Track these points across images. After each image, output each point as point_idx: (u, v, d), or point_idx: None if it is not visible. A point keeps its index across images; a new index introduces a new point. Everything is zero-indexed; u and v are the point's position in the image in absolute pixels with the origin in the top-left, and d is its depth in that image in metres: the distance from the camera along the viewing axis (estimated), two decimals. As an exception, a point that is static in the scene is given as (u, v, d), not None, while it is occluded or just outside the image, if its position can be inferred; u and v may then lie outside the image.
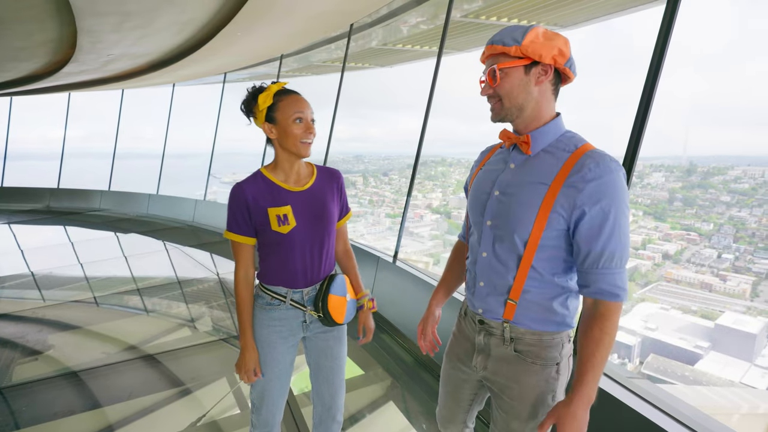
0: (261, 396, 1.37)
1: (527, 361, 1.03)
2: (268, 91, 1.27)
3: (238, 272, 1.32)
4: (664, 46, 1.60)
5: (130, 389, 2.46)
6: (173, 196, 8.50)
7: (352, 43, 4.96)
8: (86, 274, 5.04)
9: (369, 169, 11.70)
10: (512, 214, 1.00)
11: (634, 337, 5.48)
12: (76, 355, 2.89)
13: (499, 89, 0.98)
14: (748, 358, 4.98)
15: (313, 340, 1.41)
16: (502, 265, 1.03)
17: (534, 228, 0.97)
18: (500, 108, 1.00)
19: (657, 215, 6.32)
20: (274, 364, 1.34)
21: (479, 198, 1.08)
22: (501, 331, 1.05)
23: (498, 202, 1.03)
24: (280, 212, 1.27)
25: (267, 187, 1.29)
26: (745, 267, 5.51)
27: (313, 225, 1.30)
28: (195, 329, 3.38)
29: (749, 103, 9.17)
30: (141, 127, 12.24)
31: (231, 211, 1.28)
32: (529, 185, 0.98)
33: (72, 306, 3.91)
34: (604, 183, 0.91)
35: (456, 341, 1.19)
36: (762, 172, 5.58)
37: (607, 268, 0.94)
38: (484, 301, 1.07)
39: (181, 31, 4.73)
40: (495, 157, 1.10)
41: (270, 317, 1.33)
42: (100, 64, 6.23)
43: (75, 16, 3.89)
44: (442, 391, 1.26)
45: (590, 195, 0.92)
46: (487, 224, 1.05)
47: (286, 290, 1.32)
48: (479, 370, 1.11)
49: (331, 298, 1.32)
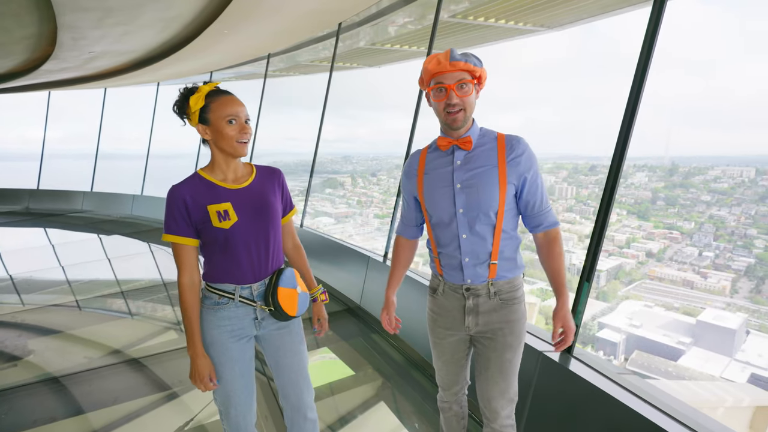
0: (226, 400, 1.33)
1: (509, 304, 1.34)
2: (199, 92, 1.26)
3: (182, 277, 1.28)
4: (651, 48, 1.62)
5: (115, 394, 2.39)
6: (158, 197, 8.35)
7: (340, 43, 4.94)
8: (68, 277, 4.91)
9: (357, 170, 11.68)
10: (482, 196, 1.27)
11: (619, 334, 5.57)
12: (57, 360, 2.80)
13: (465, 101, 1.23)
14: (728, 353, 5.10)
15: (267, 339, 1.38)
16: (481, 239, 1.30)
17: (500, 199, 1.27)
18: (463, 117, 1.25)
19: (640, 214, 6.44)
20: (232, 364, 1.31)
21: (443, 195, 1.31)
22: (486, 290, 1.33)
23: (463, 192, 1.28)
24: (220, 208, 1.26)
25: (205, 187, 1.28)
26: (724, 264, 5.64)
27: (255, 219, 1.30)
28: (181, 332, 3.32)
29: (728, 105, 9.43)
30: (124, 126, 12.01)
31: (169, 213, 1.26)
32: (483, 172, 1.27)
33: (53, 310, 3.80)
34: (528, 154, 1.28)
35: (437, 317, 1.42)
36: (740, 172, 5.73)
37: (546, 209, 1.32)
38: (473, 272, 1.32)
39: (166, 28, 4.65)
40: (432, 161, 1.34)
41: (219, 317, 1.30)
42: (81, 61, 6.08)
43: (55, 12, 3.78)
44: (441, 362, 1.46)
45: (525, 164, 1.27)
46: (460, 212, 1.29)
47: (233, 287, 1.30)
48: (472, 328, 1.36)
49: (281, 290, 1.30)
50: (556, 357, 1.75)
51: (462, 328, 1.37)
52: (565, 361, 1.72)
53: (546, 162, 9.04)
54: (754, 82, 9.67)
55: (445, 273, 1.37)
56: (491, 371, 1.34)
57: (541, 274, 5.30)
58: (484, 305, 1.33)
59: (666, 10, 1.61)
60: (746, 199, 5.57)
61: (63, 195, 9.81)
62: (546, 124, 15.01)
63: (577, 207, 7.30)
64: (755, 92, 9.51)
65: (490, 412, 1.36)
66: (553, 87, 10.80)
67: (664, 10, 1.60)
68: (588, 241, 1.81)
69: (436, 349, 1.45)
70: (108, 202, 9.19)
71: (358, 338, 3.08)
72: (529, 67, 20.16)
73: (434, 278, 1.43)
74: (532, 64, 7.80)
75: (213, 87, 1.29)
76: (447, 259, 1.34)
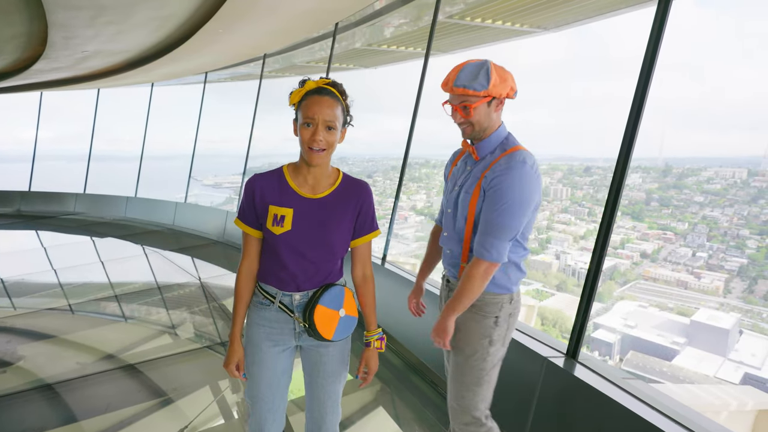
0: (252, 400, 1.33)
1: (471, 311, 1.38)
2: (302, 88, 1.20)
3: (241, 263, 1.29)
4: (656, 49, 1.62)
5: (108, 401, 2.34)
6: (152, 199, 8.27)
7: (336, 44, 4.91)
8: (60, 281, 4.83)
9: (353, 171, 11.65)
10: (460, 203, 1.36)
11: (614, 334, 5.60)
12: (49, 366, 2.74)
13: (471, 119, 1.30)
14: (722, 353, 5.14)
15: (307, 351, 1.34)
16: (457, 239, 1.40)
17: (468, 211, 1.33)
18: (471, 131, 1.33)
19: (635, 215, 6.48)
20: (260, 368, 1.28)
21: (451, 192, 1.42)
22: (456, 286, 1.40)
23: (457, 195, 1.39)
24: (279, 212, 1.22)
25: (279, 185, 1.25)
26: (718, 265, 5.69)
27: (309, 234, 1.22)
28: (176, 336, 3.27)
29: (721, 108, 9.55)
30: (118, 128, 11.89)
31: (243, 200, 1.28)
32: (472, 183, 1.34)
33: (45, 314, 3.73)
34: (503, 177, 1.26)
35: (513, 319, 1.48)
36: (732, 173, 5.78)
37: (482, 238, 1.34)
38: (450, 265, 1.46)
39: (160, 28, 4.59)
40: (461, 161, 1.44)
41: (261, 316, 1.29)
42: (73, 61, 6.00)
43: (45, 9, 3.72)
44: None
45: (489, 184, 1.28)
46: (448, 212, 1.42)
47: (276, 291, 1.27)
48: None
49: (320, 309, 1.22)
50: (560, 362, 1.73)
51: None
52: (569, 366, 1.70)
53: (541, 163, 9.05)
54: (746, 84, 9.79)
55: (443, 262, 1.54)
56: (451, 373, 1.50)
57: (537, 275, 5.29)
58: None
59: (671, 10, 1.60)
60: (739, 199, 5.62)
61: (55, 197, 9.69)
62: (541, 125, 15.11)
63: (572, 208, 7.33)
64: (748, 95, 9.63)
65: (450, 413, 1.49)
66: (549, 88, 10.85)
67: (669, 10, 1.59)
68: (582, 242, 1.81)
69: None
70: (101, 204, 9.09)
71: (357, 342, 3.05)
72: (526, 69, 20.23)
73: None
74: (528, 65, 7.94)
75: (320, 84, 1.18)
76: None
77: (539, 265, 7.21)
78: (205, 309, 3.82)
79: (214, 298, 4.10)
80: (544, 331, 2.07)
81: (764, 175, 5.51)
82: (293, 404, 2.33)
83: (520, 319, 3.00)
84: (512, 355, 1.92)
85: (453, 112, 1.33)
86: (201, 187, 9.04)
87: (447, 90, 1.31)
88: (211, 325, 3.48)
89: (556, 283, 6.93)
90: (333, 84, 1.21)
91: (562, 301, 6.66)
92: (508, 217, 1.25)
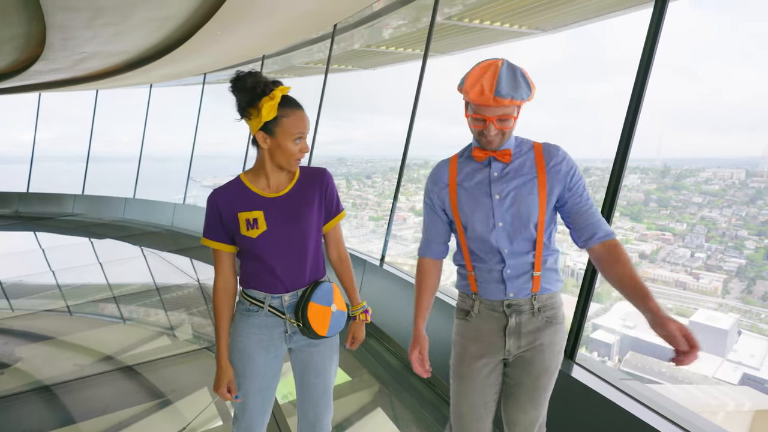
0: (241, 408, 1.31)
1: (554, 323, 1.25)
2: (272, 100, 1.15)
3: (216, 282, 1.28)
4: (652, 50, 1.62)
5: (106, 403, 2.34)
6: (151, 200, 8.26)
7: (335, 45, 4.92)
8: (58, 282, 4.82)
9: (352, 172, 11.64)
10: (522, 209, 1.20)
11: (613, 335, 5.60)
12: (46, 367, 2.74)
13: (505, 131, 1.17)
14: (721, 354, 5.14)
15: (297, 353, 1.33)
16: (522, 253, 1.22)
17: (540, 211, 1.20)
18: (500, 140, 1.19)
19: (633, 216, 6.49)
20: (254, 376, 1.27)
21: (481, 207, 1.23)
22: (530, 306, 1.23)
23: (502, 204, 1.21)
24: (250, 216, 1.23)
25: (242, 193, 1.25)
26: (716, 265, 5.69)
27: (286, 229, 1.24)
28: (174, 337, 3.26)
29: (719, 108, 9.57)
30: (116, 129, 11.88)
31: (206, 217, 1.27)
32: (523, 183, 1.20)
33: (43, 315, 3.72)
34: (568, 161, 1.21)
35: (468, 342, 1.27)
36: (731, 174, 5.78)
37: (598, 218, 1.21)
38: (515, 284, 1.23)
39: (159, 29, 4.59)
40: (466, 172, 1.26)
41: (250, 324, 1.27)
42: (71, 62, 6.00)
43: (43, 11, 3.72)
44: (467, 405, 1.28)
45: (565, 171, 1.20)
46: (499, 225, 1.21)
47: (264, 295, 1.25)
48: (513, 352, 1.25)
49: (313, 306, 1.23)
50: (558, 363, 1.73)
51: (500, 353, 1.25)
52: (567, 368, 1.70)
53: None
54: (745, 85, 9.81)
55: (481, 289, 1.25)
56: (522, 397, 1.25)
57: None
58: (527, 324, 1.23)
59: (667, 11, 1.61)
60: (737, 200, 5.63)
61: (53, 198, 9.67)
62: (540, 126, 15.09)
63: (571, 208, 7.34)
64: (746, 96, 9.66)
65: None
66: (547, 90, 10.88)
67: (665, 11, 1.60)
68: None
69: (464, 383, 1.27)
70: (99, 206, 9.07)
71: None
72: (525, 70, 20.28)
73: (465, 299, 1.29)
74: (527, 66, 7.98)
75: (285, 92, 1.18)
76: (485, 273, 1.24)
77: (538, 266, 7.21)
78: (204, 310, 3.81)
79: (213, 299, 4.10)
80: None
81: (762, 175, 5.52)
82: (291, 405, 2.32)
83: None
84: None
85: (485, 123, 1.15)
86: (200, 188, 9.02)
87: (484, 102, 1.11)
88: (209, 326, 3.47)
89: (555, 284, 6.94)
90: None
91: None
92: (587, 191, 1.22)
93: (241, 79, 1.15)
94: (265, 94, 1.16)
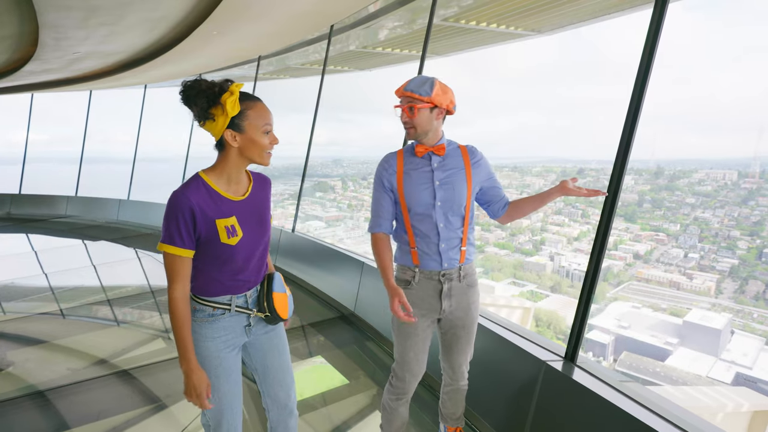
0: (218, 414, 1.29)
1: (473, 286, 1.63)
2: (233, 95, 1.16)
3: (175, 291, 1.19)
4: (652, 52, 1.63)
5: (100, 408, 2.31)
6: (146, 202, 8.19)
7: (331, 46, 4.91)
8: (51, 285, 4.77)
9: (348, 173, 11.64)
10: (456, 193, 1.55)
11: (608, 335, 5.62)
12: (39, 371, 2.70)
13: (414, 121, 1.52)
14: (714, 353, 5.17)
15: (255, 344, 1.38)
16: (454, 228, 1.57)
17: (467, 195, 1.57)
18: (414, 133, 1.54)
19: (627, 217, 6.53)
20: (227, 376, 1.28)
21: (424, 190, 1.55)
22: (458, 274, 1.59)
23: (441, 189, 1.55)
24: (228, 223, 1.22)
25: (210, 197, 1.22)
26: (709, 265, 5.73)
27: (256, 233, 1.29)
28: (169, 340, 3.23)
29: (711, 110, 9.67)
30: (110, 130, 11.79)
31: (173, 221, 1.17)
32: (455, 173, 1.57)
33: (35, 319, 3.68)
34: (485, 159, 1.63)
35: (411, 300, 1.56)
36: (723, 175, 5.84)
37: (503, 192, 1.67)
38: (448, 256, 1.57)
39: (153, 29, 4.56)
40: (411, 163, 1.58)
41: (215, 329, 1.27)
42: (65, 62, 5.94)
43: (36, 10, 3.68)
44: (413, 352, 1.61)
45: (485, 166, 1.62)
46: (438, 204, 1.54)
47: (229, 297, 1.28)
48: (447, 312, 1.60)
49: (275, 296, 1.33)
50: (559, 366, 1.73)
51: (436, 313, 1.59)
52: (568, 370, 1.70)
53: (535, 166, 9.12)
54: (736, 88, 9.94)
55: (422, 262, 1.57)
56: (461, 344, 1.64)
57: (531, 276, 5.32)
58: (455, 289, 1.59)
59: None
60: (729, 201, 5.68)
61: (46, 200, 9.57)
62: (535, 127, 15.14)
63: (566, 210, 7.38)
64: (737, 98, 9.77)
65: (458, 375, 1.69)
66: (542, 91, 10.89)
67: (665, 12, 1.61)
68: (576, 244, 1.83)
69: (409, 339, 1.59)
70: (93, 207, 8.99)
71: (352, 345, 3.03)
72: (520, 72, 20.44)
73: (407, 270, 1.60)
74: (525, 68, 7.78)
75: (241, 87, 1.20)
76: (425, 247, 1.56)
77: (533, 267, 7.24)
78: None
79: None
80: (539, 333, 2.08)
81: (754, 176, 5.57)
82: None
83: (517, 322, 3.00)
84: (511, 359, 1.92)
85: (401, 112, 1.54)
86: (195, 190, 8.95)
87: (398, 94, 1.55)
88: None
89: (551, 285, 6.96)
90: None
91: (556, 303, 6.69)
92: None
93: (193, 85, 1.16)
94: (224, 90, 1.17)
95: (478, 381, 1.98)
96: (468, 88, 12.45)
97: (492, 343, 2.03)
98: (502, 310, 5.93)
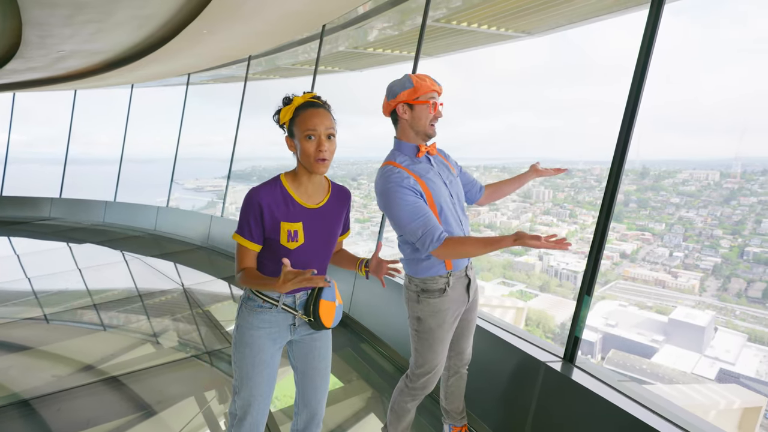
0: (247, 404, 1.33)
1: (476, 282, 1.71)
2: (291, 104, 1.26)
3: (239, 272, 1.30)
4: (648, 52, 1.64)
5: (88, 415, 2.25)
6: (133, 203, 8.04)
7: (322, 47, 4.88)
8: (35, 289, 4.64)
9: (338, 174, 11.61)
10: (459, 186, 1.66)
11: (596, 333, 5.69)
12: (23, 379, 2.62)
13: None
14: (698, 350, 5.26)
15: (299, 343, 1.43)
16: (465, 219, 1.65)
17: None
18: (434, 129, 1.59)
19: (614, 217, 6.62)
20: (262, 368, 1.33)
21: (442, 189, 1.57)
22: (470, 263, 1.67)
23: (451, 184, 1.62)
24: (292, 228, 1.28)
25: (283, 199, 1.29)
26: (693, 264, 5.84)
27: (319, 245, 1.34)
28: (159, 345, 3.17)
29: (695, 113, 9.89)
30: (96, 130, 11.56)
31: (245, 216, 1.27)
32: (447, 168, 1.64)
33: (19, 324, 3.57)
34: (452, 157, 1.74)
35: (446, 312, 1.58)
36: (706, 175, 5.96)
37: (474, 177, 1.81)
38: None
39: (142, 27, 4.48)
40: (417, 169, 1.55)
41: (260, 319, 1.33)
42: (49, 61, 5.80)
43: (19, 7, 3.58)
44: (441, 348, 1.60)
45: (455, 161, 1.74)
46: (454, 200, 1.61)
47: (278, 294, 1.33)
48: (471, 300, 1.67)
49: (322, 303, 1.34)
50: (558, 367, 1.74)
51: (464, 306, 1.63)
52: (567, 370, 1.71)
53: (524, 166, 9.23)
54: (718, 90, 10.18)
55: (454, 264, 1.57)
56: (472, 327, 1.72)
57: (520, 276, 5.35)
58: (472, 277, 1.67)
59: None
60: (712, 201, 5.80)
61: (29, 201, 9.33)
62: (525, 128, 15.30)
63: (554, 210, 7.46)
64: (720, 100, 10.01)
65: (464, 360, 1.75)
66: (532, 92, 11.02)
67: (661, 13, 1.62)
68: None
69: (444, 342, 1.59)
70: (78, 209, 8.79)
71: (347, 348, 3.01)
72: (510, 74, 20.64)
73: (438, 280, 1.56)
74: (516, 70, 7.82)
75: (308, 99, 1.27)
76: None
77: (522, 267, 7.30)
78: (189, 316, 3.72)
79: (199, 305, 4.00)
80: (528, 332, 2.10)
81: (735, 176, 5.70)
82: (282, 413, 2.28)
83: (511, 322, 3.01)
84: (510, 361, 1.92)
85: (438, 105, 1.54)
86: (182, 191, 8.84)
87: (436, 89, 1.52)
88: (195, 332, 3.39)
89: (539, 284, 7.02)
90: (317, 98, 1.30)
91: (544, 302, 6.75)
92: None
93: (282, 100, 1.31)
94: (288, 103, 1.28)
95: (477, 383, 1.98)
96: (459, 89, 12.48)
97: (490, 345, 2.03)
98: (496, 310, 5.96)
